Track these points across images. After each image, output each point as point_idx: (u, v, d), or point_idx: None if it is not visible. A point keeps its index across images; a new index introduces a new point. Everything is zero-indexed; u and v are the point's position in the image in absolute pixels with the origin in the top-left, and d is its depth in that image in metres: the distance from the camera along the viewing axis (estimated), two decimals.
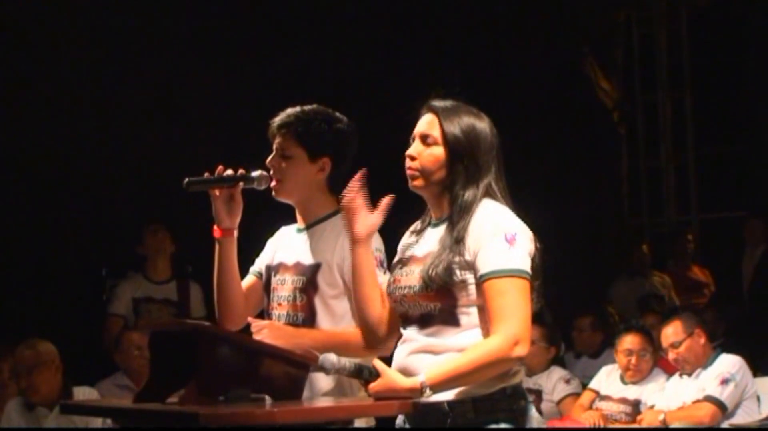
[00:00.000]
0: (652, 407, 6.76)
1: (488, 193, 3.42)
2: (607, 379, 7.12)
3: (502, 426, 3.32)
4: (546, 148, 9.59)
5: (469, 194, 3.40)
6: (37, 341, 6.45)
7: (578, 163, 10.38)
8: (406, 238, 3.60)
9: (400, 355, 3.46)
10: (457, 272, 3.34)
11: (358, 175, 3.52)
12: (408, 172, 3.48)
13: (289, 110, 4.02)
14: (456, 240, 3.36)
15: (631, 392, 6.96)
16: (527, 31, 9.97)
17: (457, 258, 3.34)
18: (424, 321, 3.40)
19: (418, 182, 3.47)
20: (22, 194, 8.08)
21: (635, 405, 6.91)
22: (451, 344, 3.35)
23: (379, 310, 3.55)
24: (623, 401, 6.95)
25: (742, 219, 9.90)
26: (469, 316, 3.36)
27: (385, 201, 3.51)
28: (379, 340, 3.60)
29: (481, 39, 9.53)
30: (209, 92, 8.45)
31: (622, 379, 7.02)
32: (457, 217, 3.39)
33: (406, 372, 3.38)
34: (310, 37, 8.83)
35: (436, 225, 3.49)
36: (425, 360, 3.37)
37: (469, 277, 3.34)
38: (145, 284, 7.73)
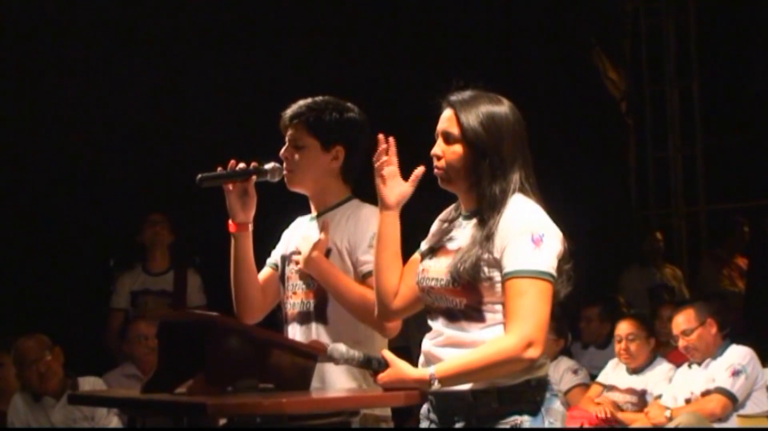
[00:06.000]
0: (659, 397, 6.78)
1: (520, 189, 3.37)
2: (614, 371, 7.16)
3: (525, 417, 3.31)
4: (554, 139, 9.56)
5: (497, 189, 3.35)
6: (36, 333, 6.46)
7: (586, 153, 10.36)
8: (437, 226, 3.57)
9: (427, 345, 3.44)
10: (485, 269, 3.31)
11: (391, 140, 3.52)
12: (436, 171, 3.44)
13: (300, 101, 4.03)
14: (486, 237, 3.32)
15: (637, 382, 6.99)
16: (535, 22, 9.94)
17: (486, 255, 3.31)
18: (450, 315, 3.38)
19: (447, 183, 3.44)
20: (28, 185, 8.08)
21: (641, 395, 6.95)
22: (476, 339, 3.32)
23: (395, 281, 3.55)
24: (629, 391, 6.98)
25: (751, 209, 9.84)
26: (495, 313, 3.33)
27: (418, 172, 3.51)
28: (389, 311, 3.59)
29: (489, 30, 9.51)
30: (220, 84, 8.44)
31: (628, 370, 7.04)
32: (488, 214, 3.35)
33: (432, 362, 3.37)
34: (321, 28, 8.81)
35: (467, 217, 3.45)
36: (451, 352, 3.35)
37: (496, 275, 3.31)
38: (143, 276, 7.72)
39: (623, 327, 7.07)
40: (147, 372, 6.41)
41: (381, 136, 3.55)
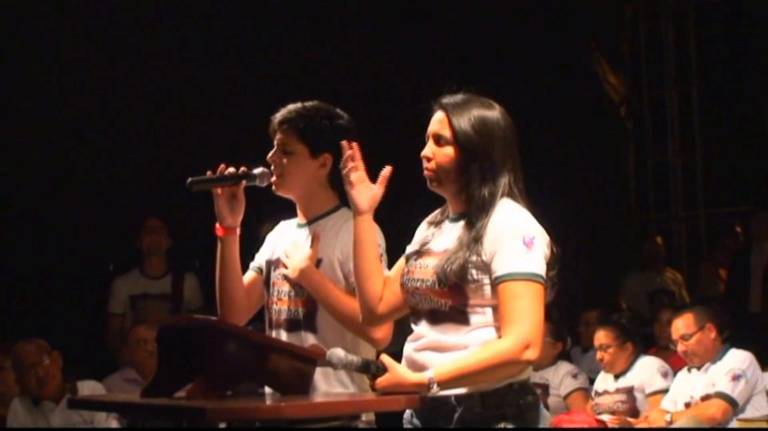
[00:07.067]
0: (652, 394, 6.80)
1: (508, 193, 3.38)
2: (604, 377, 7.17)
3: (509, 421, 3.31)
4: (553, 143, 9.57)
5: (486, 192, 3.35)
6: (34, 337, 6.46)
7: (585, 157, 10.38)
8: (423, 229, 3.56)
9: (408, 350, 3.44)
10: (473, 271, 3.31)
11: (355, 145, 3.51)
12: (425, 173, 3.45)
13: (290, 106, 4.02)
14: (474, 239, 3.32)
15: (623, 382, 7.05)
16: (535, 25, 9.96)
17: (473, 258, 3.31)
18: (434, 317, 3.38)
19: (436, 185, 3.44)
20: (26, 190, 8.08)
21: (628, 392, 6.97)
22: (460, 342, 3.33)
23: (378, 286, 3.53)
24: (617, 391, 7.01)
25: (750, 213, 9.84)
26: (480, 316, 3.33)
27: (386, 172, 3.50)
28: (375, 317, 3.58)
29: (488, 34, 9.52)
30: (211, 89, 8.44)
31: (614, 375, 7.08)
32: (476, 216, 3.35)
33: (413, 367, 3.37)
34: (312, 33, 8.81)
35: (454, 219, 3.46)
36: (432, 357, 3.35)
37: (484, 278, 3.31)
38: (142, 280, 7.72)
39: (597, 337, 7.10)
40: (146, 376, 6.40)
41: (344, 143, 3.53)
